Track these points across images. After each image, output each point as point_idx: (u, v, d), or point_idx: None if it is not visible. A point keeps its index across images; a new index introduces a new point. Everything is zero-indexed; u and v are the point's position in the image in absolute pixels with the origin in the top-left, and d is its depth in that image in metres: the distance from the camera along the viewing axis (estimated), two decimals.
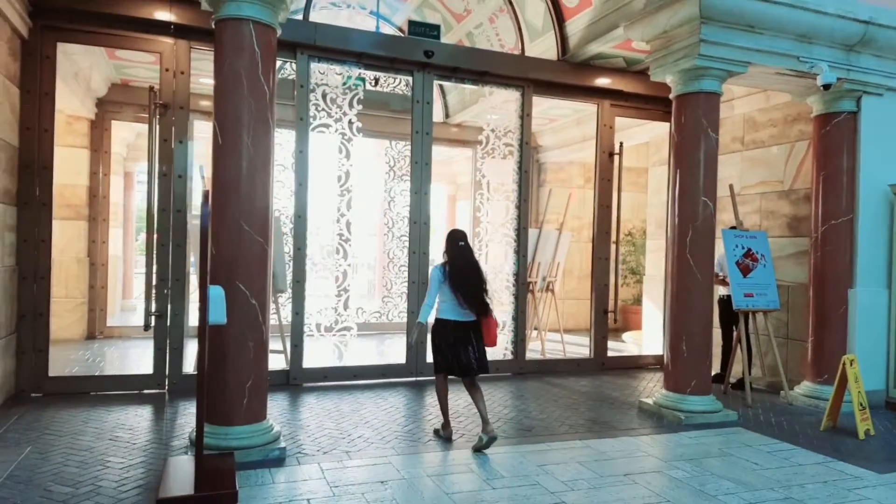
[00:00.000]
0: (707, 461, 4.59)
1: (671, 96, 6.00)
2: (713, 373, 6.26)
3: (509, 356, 7.54)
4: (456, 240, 4.93)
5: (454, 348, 4.80)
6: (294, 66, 6.48)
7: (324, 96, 6.63)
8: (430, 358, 5.46)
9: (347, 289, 6.92)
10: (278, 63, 5.19)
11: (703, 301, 5.78)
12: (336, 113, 6.71)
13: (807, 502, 3.88)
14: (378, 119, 9.65)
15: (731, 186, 6.90)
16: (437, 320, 4.91)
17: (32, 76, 5.71)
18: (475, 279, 4.85)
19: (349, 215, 6.85)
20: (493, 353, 7.48)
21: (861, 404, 5.38)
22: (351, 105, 6.77)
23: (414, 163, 6.97)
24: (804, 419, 5.88)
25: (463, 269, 4.84)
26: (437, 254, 5.76)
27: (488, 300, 4.89)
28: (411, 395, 6.32)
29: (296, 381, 6.47)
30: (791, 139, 7.04)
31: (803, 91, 6.46)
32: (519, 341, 7.51)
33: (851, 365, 5.42)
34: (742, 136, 7.63)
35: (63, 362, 7.00)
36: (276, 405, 5.67)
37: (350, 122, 6.78)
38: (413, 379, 6.92)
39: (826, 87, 5.75)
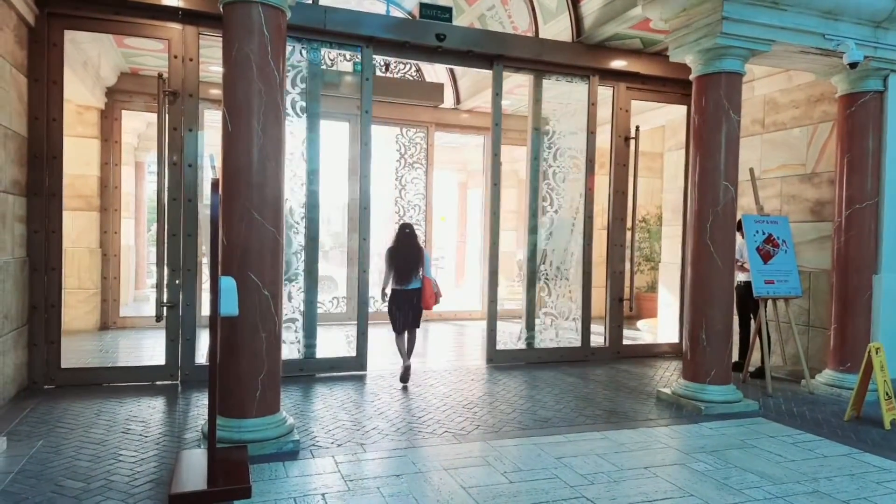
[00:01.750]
0: (729, 453, 4.48)
1: (691, 77, 5.82)
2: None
3: (523, 346, 7.46)
4: (402, 228, 6.50)
5: (399, 310, 6.30)
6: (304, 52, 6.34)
7: None
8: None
9: (292, 279, 6.40)
10: (287, 48, 5.06)
11: (723, 288, 5.63)
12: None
13: (834, 496, 3.77)
14: (389, 106, 9.56)
15: (751, 170, 6.71)
16: (390, 289, 6.37)
17: (40, 64, 5.63)
18: (410, 258, 6.29)
19: (293, 201, 6.32)
20: (509, 343, 7.52)
21: (887, 393, 5.25)
22: (293, 84, 6.25)
23: (363, 144, 6.61)
24: (827, 408, 5.74)
25: (401, 251, 6.32)
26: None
27: (428, 275, 6.30)
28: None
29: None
30: (814, 121, 6.84)
31: (827, 70, 6.25)
32: (584, 329, 7.63)
33: (877, 353, 5.28)
34: (762, 118, 7.43)
35: (76, 353, 6.99)
36: (287, 396, 5.62)
37: (293, 102, 6.22)
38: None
39: (852, 65, 5.55)
